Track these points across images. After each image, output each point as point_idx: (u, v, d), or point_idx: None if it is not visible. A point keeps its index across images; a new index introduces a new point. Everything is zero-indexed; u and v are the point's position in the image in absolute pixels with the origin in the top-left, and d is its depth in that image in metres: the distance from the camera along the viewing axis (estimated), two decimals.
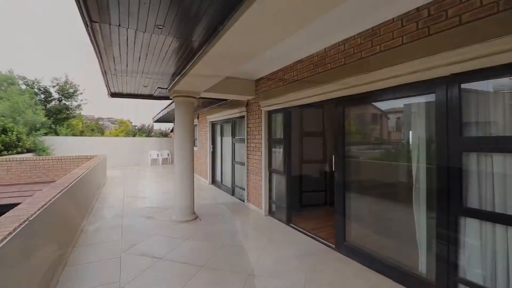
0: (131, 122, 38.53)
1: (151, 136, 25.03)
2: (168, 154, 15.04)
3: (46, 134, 12.60)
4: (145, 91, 5.51)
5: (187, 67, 3.58)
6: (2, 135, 9.62)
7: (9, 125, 10.06)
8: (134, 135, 25.76)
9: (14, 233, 1.87)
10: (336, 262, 3.21)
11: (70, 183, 3.73)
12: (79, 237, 4.02)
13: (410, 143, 2.85)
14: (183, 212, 4.77)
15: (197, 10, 2.19)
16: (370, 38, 2.97)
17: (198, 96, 4.97)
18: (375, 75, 2.86)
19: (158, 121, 15.19)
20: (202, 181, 9.02)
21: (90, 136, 18.22)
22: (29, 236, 2.13)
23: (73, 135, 16.11)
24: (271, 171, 5.02)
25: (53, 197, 2.85)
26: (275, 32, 2.30)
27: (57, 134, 14.36)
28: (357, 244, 3.27)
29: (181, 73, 3.93)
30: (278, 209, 4.87)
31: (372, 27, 2.94)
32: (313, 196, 5.47)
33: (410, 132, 2.88)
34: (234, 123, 6.72)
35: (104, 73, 4.03)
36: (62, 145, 12.70)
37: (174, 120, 14.32)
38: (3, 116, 10.94)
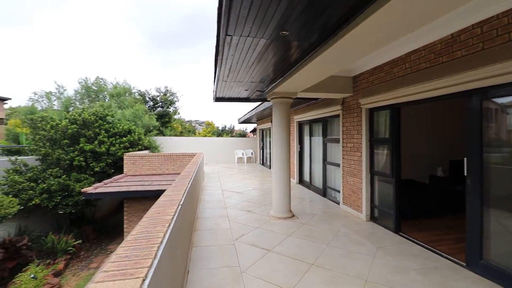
0: (214, 124, 42.53)
1: (232, 136, 27.08)
2: (252, 153, 15.93)
3: (157, 135, 15.26)
4: (244, 95, 5.96)
5: (293, 69, 3.69)
6: (128, 135, 12.05)
7: (132, 127, 12.52)
8: (219, 135, 28.33)
9: (176, 215, 2.29)
10: (471, 283, 2.74)
11: (192, 176, 4.35)
12: (196, 223, 4.66)
13: None
14: (281, 209, 4.94)
15: (322, 13, 2.22)
16: None
17: (295, 96, 5.07)
18: None
19: (242, 122, 16.28)
20: None
21: (187, 136, 21.02)
22: (181, 218, 2.58)
23: (175, 135, 18.93)
24: (373, 173, 4.68)
25: (187, 187, 3.38)
26: (405, 26, 2.14)
27: (163, 134, 17.17)
28: (500, 264, 2.71)
29: (284, 76, 4.07)
30: (382, 215, 4.50)
31: None
32: (424, 204, 4.83)
33: None
34: (326, 123, 6.57)
35: (217, 80, 4.55)
36: (168, 144, 15.15)
37: (257, 120, 15.10)
38: (128, 120, 13.68)
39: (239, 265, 3.13)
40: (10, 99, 27.79)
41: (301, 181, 8.29)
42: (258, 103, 10.62)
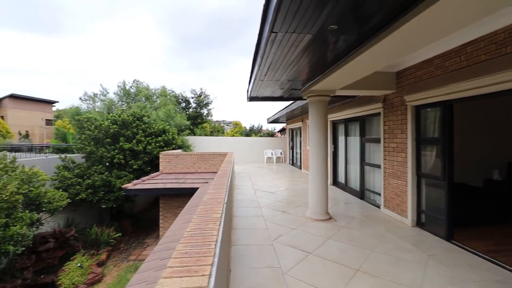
0: (242, 124, 42.92)
1: (260, 136, 27.14)
2: (281, 153, 15.80)
3: (188, 134, 15.80)
4: (278, 94, 5.90)
5: (336, 65, 3.55)
6: (163, 135, 12.57)
7: (166, 127, 13.04)
8: (246, 135, 28.56)
9: (223, 213, 2.30)
10: None
11: (229, 175, 4.39)
12: (233, 221, 4.70)
13: None
14: (317, 211, 4.80)
15: (378, 3, 2.09)
16: None
17: (333, 94, 4.90)
18: None
19: (271, 122, 16.23)
20: None
21: (216, 136, 21.50)
22: (226, 216, 2.59)
23: (205, 135, 19.47)
24: (420, 175, 4.36)
25: (227, 186, 3.40)
26: (471, 15, 1.93)
27: (194, 134, 17.72)
28: None
29: (325, 72, 3.94)
30: (431, 220, 4.17)
31: None
32: (479, 210, 4.39)
33: None
34: (363, 122, 6.27)
35: (254, 80, 4.54)
36: (199, 143, 15.59)
37: (287, 120, 14.96)
38: (162, 121, 14.29)
39: (280, 266, 3.08)
40: (57, 102, 30.58)
41: (335, 182, 8.01)
42: (289, 102, 10.50)
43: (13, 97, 25.76)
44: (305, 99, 5.44)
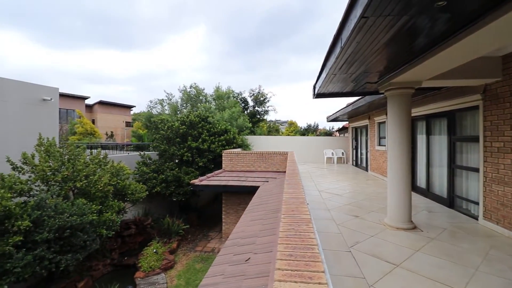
0: (297, 123, 42.25)
1: (317, 135, 26.25)
2: (343, 153, 14.93)
3: (248, 134, 16.25)
4: (349, 89, 5.48)
5: (431, 50, 3.07)
6: (225, 134, 13.14)
7: (228, 128, 13.60)
8: (302, 135, 27.96)
9: (310, 214, 2.17)
10: None
11: (299, 174, 4.25)
12: None
13: None
14: (399, 218, 4.28)
15: None
16: None
17: (418, 86, 4.31)
18: None
19: (332, 120, 15.49)
20: None
21: (274, 135, 21.64)
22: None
23: (264, 134, 19.78)
24: None
25: (302, 185, 3.26)
26: None
27: (253, 133, 18.15)
28: None
29: (413, 61, 3.46)
30: None
31: None
32: None
33: None
34: (453, 117, 5.38)
35: (326, 74, 4.29)
36: (256, 142, 15.88)
37: (349, 118, 14.06)
38: (225, 121, 14.96)
39: (364, 277, 2.79)
40: (134, 106, 34.94)
41: (413, 187, 7.11)
42: (353, 99, 9.82)
43: (101, 103, 30.43)
44: (381, 94, 4.94)
